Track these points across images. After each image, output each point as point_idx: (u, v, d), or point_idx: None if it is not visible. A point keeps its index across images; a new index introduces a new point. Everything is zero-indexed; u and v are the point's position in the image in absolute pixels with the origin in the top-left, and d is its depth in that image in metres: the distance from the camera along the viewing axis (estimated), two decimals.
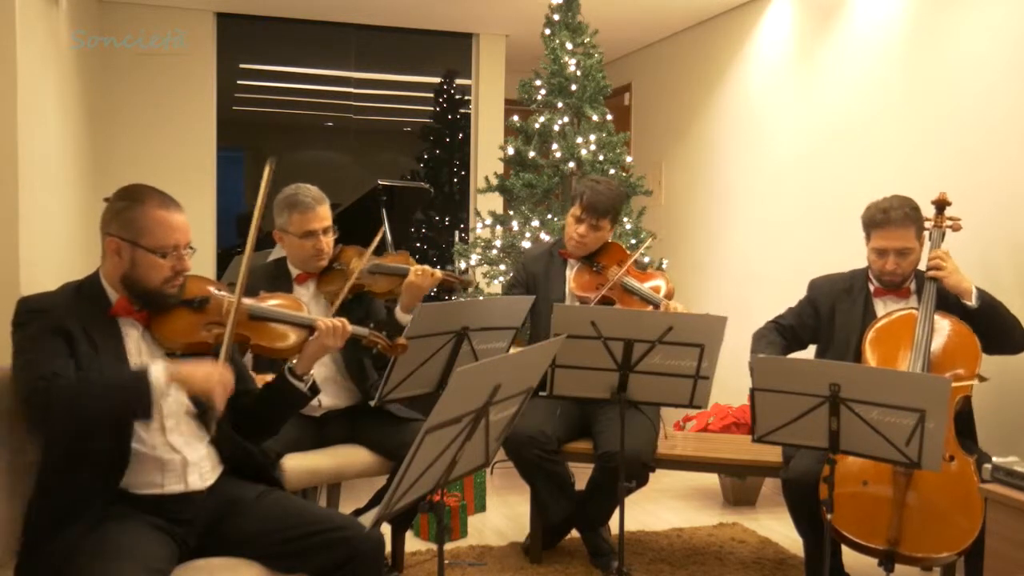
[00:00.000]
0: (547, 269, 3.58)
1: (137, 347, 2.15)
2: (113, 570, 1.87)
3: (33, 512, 2.05)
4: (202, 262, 2.53)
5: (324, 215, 3.04)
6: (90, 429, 1.99)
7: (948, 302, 2.99)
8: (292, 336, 2.31)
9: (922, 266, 3.12)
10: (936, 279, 2.99)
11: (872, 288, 3.15)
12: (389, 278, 3.07)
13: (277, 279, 3.08)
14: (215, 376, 2.04)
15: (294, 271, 3.11)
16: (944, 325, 2.94)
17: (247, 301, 2.29)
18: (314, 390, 2.35)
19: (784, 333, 3.26)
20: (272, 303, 2.38)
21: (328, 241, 3.06)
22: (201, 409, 2.16)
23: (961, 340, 2.91)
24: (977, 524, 2.55)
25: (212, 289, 2.27)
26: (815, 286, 3.30)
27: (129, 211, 2.12)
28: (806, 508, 2.87)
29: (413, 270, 3.03)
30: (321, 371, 3.06)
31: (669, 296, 3.35)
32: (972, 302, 2.95)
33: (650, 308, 3.29)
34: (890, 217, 3.01)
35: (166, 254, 2.12)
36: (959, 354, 2.88)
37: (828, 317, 3.19)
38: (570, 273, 3.53)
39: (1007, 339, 2.99)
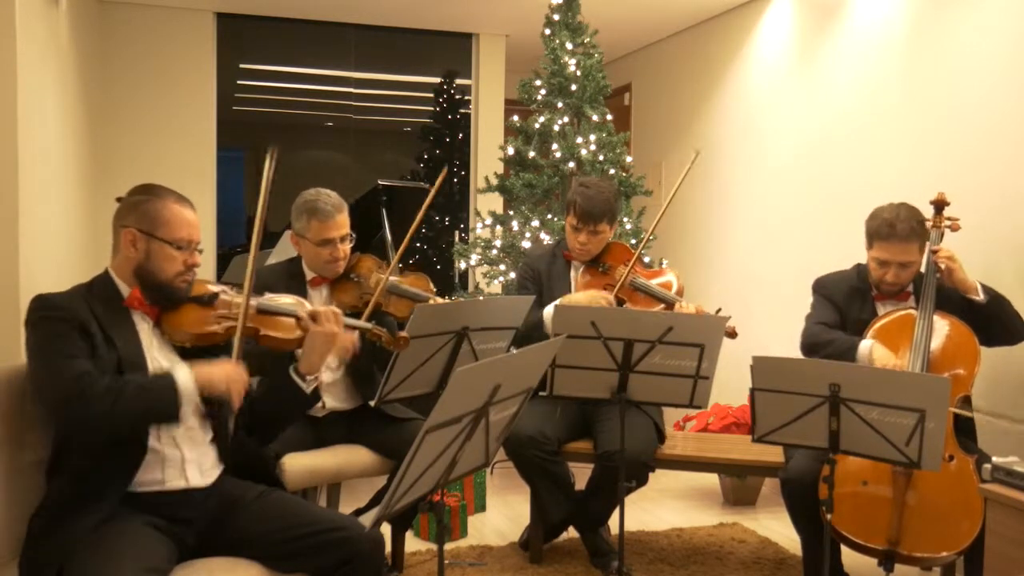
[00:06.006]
0: (551, 270, 3.55)
1: (149, 339, 2.18)
2: (112, 569, 1.87)
3: (43, 507, 2.05)
4: (202, 262, 2.51)
5: (343, 223, 3.04)
6: (120, 432, 2.03)
7: (947, 301, 2.99)
8: (299, 328, 2.32)
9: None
10: (944, 274, 2.98)
11: (873, 293, 3.15)
12: (408, 302, 3.00)
13: (292, 278, 3.08)
14: (233, 375, 2.10)
15: (309, 274, 3.11)
16: (943, 325, 2.94)
17: (252, 299, 2.31)
18: (315, 395, 2.35)
19: (832, 328, 3.16)
20: (276, 297, 2.41)
21: (345, 249, 3.06)
22: (213, 411, 2.18)
23: (960, 340, 2.90)
24: (977, 524, 2.55)
25: (218, 287, 2.32)
26: (824, 284, 3.26)
27: (147, 204, 2.18)
28: (805, 507, 2.86)
29: (433, 302, 2.97)
30: (328, 374, 3.07)
31: (680, 293, 3.32)
32: (980, 297, 2.95)
33: (662, 306, 3.27)
34: (896, 231, 2.98)
35: (181, 247, 2.17)
36: (958, 354, 2.88)
37: (843, 314, 3.18)
38: (575, 275, 3.51)
39: (1012, 331, 2.99)
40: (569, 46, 4.70)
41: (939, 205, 3.17)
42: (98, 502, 2.01)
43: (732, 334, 2.98)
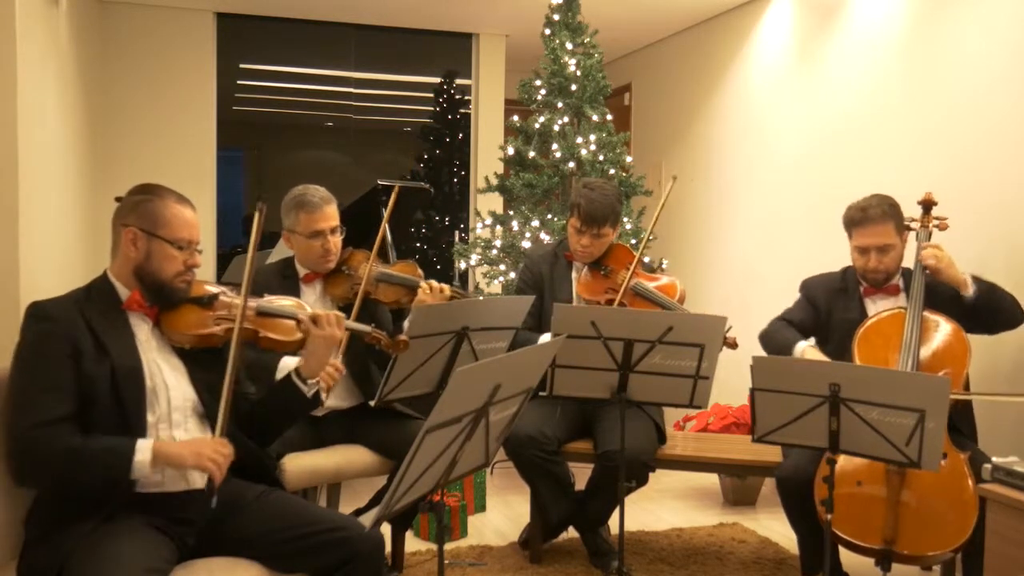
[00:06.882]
0: (552, 270, 3.55)
1: (148, 340, 2.17)
2: (112, 570, 1.87)
3: (39, 508, 2.05)
4: (202, 262, 2.52)
5: (331, 215, 3.05)
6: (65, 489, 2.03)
7: (938, 299, 3.00)
8: (298, 330, 2.32)
9: (908, 263, 3.12)
10: (932, 271, 2.98)
11: (862, 288, 3.16)
12: (396, 288, 3.05)
13: (285, 278, 3.09)
14: (206, 453, 2.04)
15: (301, 271, 3.12)
16: (933, 324, 2.94)
17: (252, 301, 2.31)
18: (316, 399, 2.35)
19: (794, 326, 3.23)
20: (275, 299, 2.41)
21: (336, 241, 3.07)
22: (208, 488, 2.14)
23: (950, 340, 2.90)
24: (970, 521, 2.55)
25: (218, 288, 2.32)
26: (809, 285, 3.31)
27: (149, 203, 2.18)
28: (800, 504, 2.88)
29: (423, 287, 3.00)
30: None
31: (681, 300, 3.32)
32: (969, 292, 2.96)
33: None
34: (868, 215, 3.04)
35: (181, 247, 2.18)
36: (948, 355, 2.88)
37: (826, 315, 3.20)
38: (576, 276, 3.51)
39: (1010, 317, 3.00)
40: (569, 46, 4.70)
41: (927, 205, 3.18)
42: (98, 502, 2.01)
43: (732, 344, 2.97)
